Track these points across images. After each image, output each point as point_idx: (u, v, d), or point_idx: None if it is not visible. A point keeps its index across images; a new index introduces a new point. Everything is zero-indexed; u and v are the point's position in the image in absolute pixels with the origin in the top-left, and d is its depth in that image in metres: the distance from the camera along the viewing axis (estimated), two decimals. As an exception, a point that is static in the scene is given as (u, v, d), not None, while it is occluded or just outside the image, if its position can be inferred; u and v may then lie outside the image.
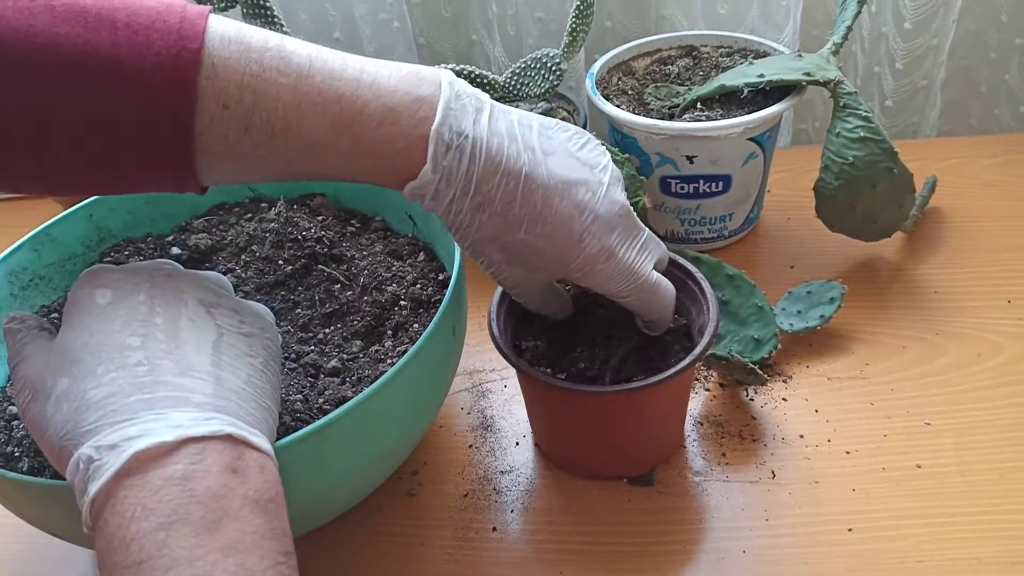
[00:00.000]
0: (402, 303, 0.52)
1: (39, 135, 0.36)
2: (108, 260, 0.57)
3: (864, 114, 0.60)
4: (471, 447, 0.57)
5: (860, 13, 0.64)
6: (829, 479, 0.52)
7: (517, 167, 0.40)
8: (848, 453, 0.53)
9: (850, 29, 0.64)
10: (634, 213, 0.45)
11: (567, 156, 0.43)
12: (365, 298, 0.52)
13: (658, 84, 0.70)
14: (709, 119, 0.63)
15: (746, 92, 0.64)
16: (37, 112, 0.35)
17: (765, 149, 0.66)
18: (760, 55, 0.71)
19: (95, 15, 0.35)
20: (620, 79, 0.71)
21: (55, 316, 0.54)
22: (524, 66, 0.71)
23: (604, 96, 0.68)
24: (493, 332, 0.50)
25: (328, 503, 0.47)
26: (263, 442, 0.36)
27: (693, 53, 0.73)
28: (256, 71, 0.36)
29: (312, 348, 0.50)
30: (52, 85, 0.35)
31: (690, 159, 0.64)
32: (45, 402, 0.36)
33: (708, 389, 0.59)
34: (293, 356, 0.49)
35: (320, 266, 0.54)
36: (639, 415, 0.50)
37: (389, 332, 0.51)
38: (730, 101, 0.65)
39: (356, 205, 0.61)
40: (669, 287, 0.48)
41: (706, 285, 0.51)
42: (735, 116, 0.63)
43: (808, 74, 0.62)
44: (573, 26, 0.69)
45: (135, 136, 0.36)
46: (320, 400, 0.46)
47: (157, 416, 0.34)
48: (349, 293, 0.53)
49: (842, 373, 0.59)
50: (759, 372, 0.55)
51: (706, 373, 0.60)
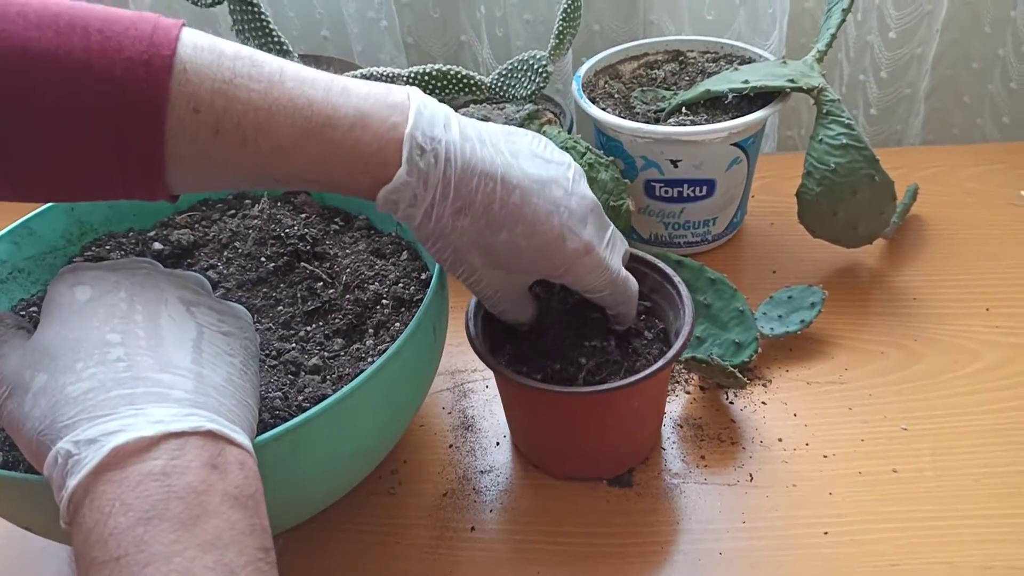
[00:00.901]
0: (384, 302, 0.52)
1: (5, 136, 0.35)
2: (89, 254, 0.56)
3: (847, 121, 0.60)
4: (451, 447, 0.57)
5: (845, 21, 0.64)
6: (806, 483, 0.52)
7: (493, 169, 0.41)
8: (825, 457, 0.54)
9: (834, 37, 0.64)
10: (600, 207, 0.46)
11: (533, 156, 0.43)
12: (347, 296, 0.52)
13: (644, 88, 0.70)
14: (694, 124, 0.64)
15: (731, 98, 0.65)
16: (4, 112, 0.35)
17: (749, 154, 0.66)
18: (746, 61, 0.71)
19: (67, 21, 0.35)
20: (606, 82, 0.72)
21: (34, 310, 0.53)
22: (511, 68, 0.71)
23: (590, 99, 0.68)
24: (470, 332, 0.50)
25: (306, 500, 0.47)
26: (243, 438, 0.36)
27: (679, 58, 0.74)
28: (228, 77, 0.37)
29: (293, 346, 0.50)
30: (21, 86, 0.35)
31: (675, 163, 0.65)
32: (23, 398, 0.36)
33: (688, 392, 0.59)
34: (274, 353, 0.49)
35: (303, 264, 0.54)
36: (614, 416, 0.50)
37: (371, 331, 0.51)
38: (715, 106, 0.66)
39: (340, 203, 0.61)
40: (634, 280, 0.49)
41: (683, 288, 0.52)
42: (720, 121, 0.63)
43: (792, 81, 0.62)
44: (560, 29, 0.69)
45: (104, 138, 0.36)
46: (299, 398, 0.45)
47: (137, 411, 0.33)
48: (331, 291, 0.53)
49: (821, 378, 0.59)
50: (739, 376, 0.56)
51: (687, 376, 0.60)
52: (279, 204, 0.59)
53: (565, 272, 0.44)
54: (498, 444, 0.57)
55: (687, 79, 0.71)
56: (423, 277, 0.54)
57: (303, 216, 0.58)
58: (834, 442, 0.54)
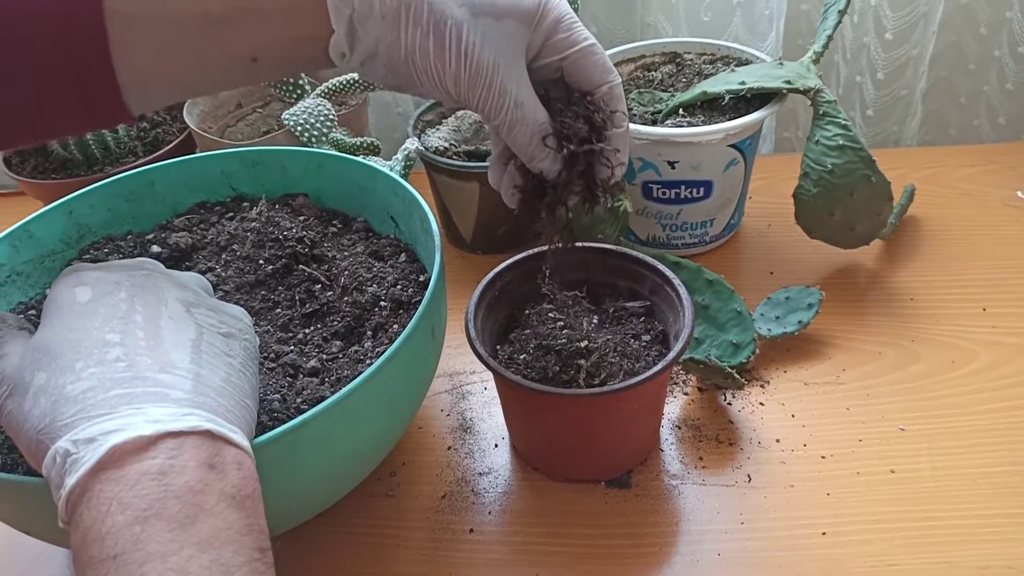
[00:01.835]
0: (382, 304, 0.52)
1: None
2: (87, 258, 0.56)
3: (843, 122, 0.60)
4: (450, 449, 0.57)
5: (840, 23, 0.65)
6: (804, 483, 0.52)
7: None
8: (823, 458, 0.54)
9: (830, 38, 0.64)
10: None
11: None
12: (345, 299, 0.52)
13: (641, 90, 0.70)
14: (691, 125, 0.64)
15: (728, 99, 0.65)
16: None
17: (746, 156, 0.66)
18: (742, 63, 0.71)
19: None
20: (604, 84, 0.72)
21: (33, 313, 0.54)
22: (508, 70, 0.71)
23: (587, 101, 0.68)
24: (470, 333, 0.50)
25: (305, 502, 0.47)
26: (241, 439, 0.36)
27: (676, 60, 0.74)
28: None
29: (291, 348, 0.50)
30: None
31: (672, 165, 0.65)
32: (23, 397, 0.36)
33: (686, 393, 0.59)
34: (272, 356, 0.49)
35: (301, 266, 0.54)
36: (613, 418, 0.50)
37: (369, 333, 0.51)
38: (712, 108, 0.66)
39: (338, 205, 0.61)
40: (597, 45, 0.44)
41: (683, 291, 0.52)
42: (717, 123, 0.63)
43: (788, 82, 0.62)
44: (557, 31, 0.69)
45: (42, 28, 0.35)
46: (298, 400, 0.46)
47: (135, 411, 0.34)
48: (329, 293, 0.53)
49: (819, 378, 0.59)
50: (737, 376, 0.56)
51: (685, 377, 0.60)
52: (277, 206, 0.59)
53: (545, 7, 0.41)
54: (497, 446, 0.57)
55: (684, 81, 0.71)
56: (421, 279, 0.54)
57: (301, 218, 0.58)
58: (832, 443, 0.55)
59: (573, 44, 0.42)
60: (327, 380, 0.48)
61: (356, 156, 0.61)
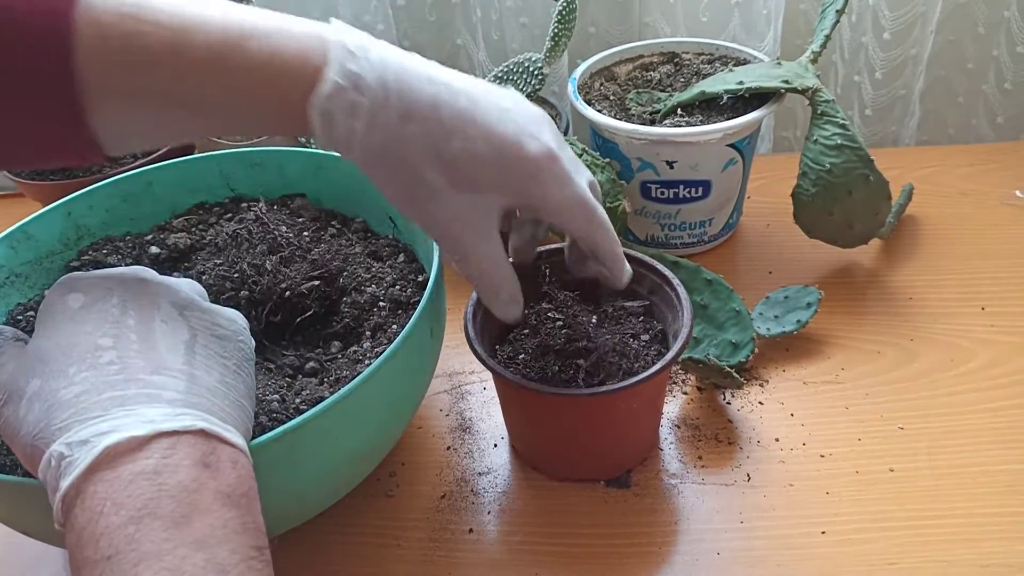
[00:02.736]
0: (381, 304, 0.52)
1: None
2: (86, 258, 0.56)
3: (841, 122, 0.61)
4: (449, 449, 0.57)
5: (838, 22, 0.65)
6: (804, 482, 0.52)
7: (436, 74, 0.39)
8: (823, 456, 0.54)
9: (828, 38, 0.64)
10: (553, 123, 0.43)
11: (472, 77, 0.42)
12: (344, 299, 0.52)
13: (640, 90, 0.70)
14: (689, 125, 0.64)
15: (726, 99, 0.65)
16: None
17: (744, 155, 0.66)
18: (740, 62, 0.71)
19: None
20: (602, 84, 0.72)
21: (31, 314, 0.53)
22: (507, 70, 0.71)
23: (586, 101, 0.68)
24: (468, 333, 0.50)
25: (304, 503, 0.47)
26: (236, 437, 0.36)
27: (675, 60, 0.74)
28: (134, 2, 0.35)
29: (290, 349, 0.50)
30: None
31: (670, 164, 0.65)
32: (17, 404, 0.36)
33: (686, 392, 0.59)
34: (271, 356, 0.49)
35: (300, 267, 0.54)
36: (612, 418, 0.50)
37: (368, 333, 0.51)
38: (710, 107, 0.66)
39: (336, 206, 0.61)
40: (605, 216, 0.45)
41: (682, 291, 0.52)
42: (715, 122, 0.63)
43: (787, 82, 0.62)
44: (555, 31, 0.69)
45: (16, 82, 0.34)
46: (297, 400, 0.46)
47: (128, 412, 0.34)
48: (328, 292, 0.53)
49: (818, 377, 0.59)
50: (736, 376, 0.56)
51: (684, 376, 0.60)
52: (275, 207, 0.59)
53: (532, 183, 0.40)
54: (496, 446, 0.57)
55: (682, 81, 0.71)
56: (420, 279, 0.54)
57: (300, 219, 0.58)
58: (831, 442, 0.55)
59: (553, 215, 0.42)
60: (326, 380, 0.48)
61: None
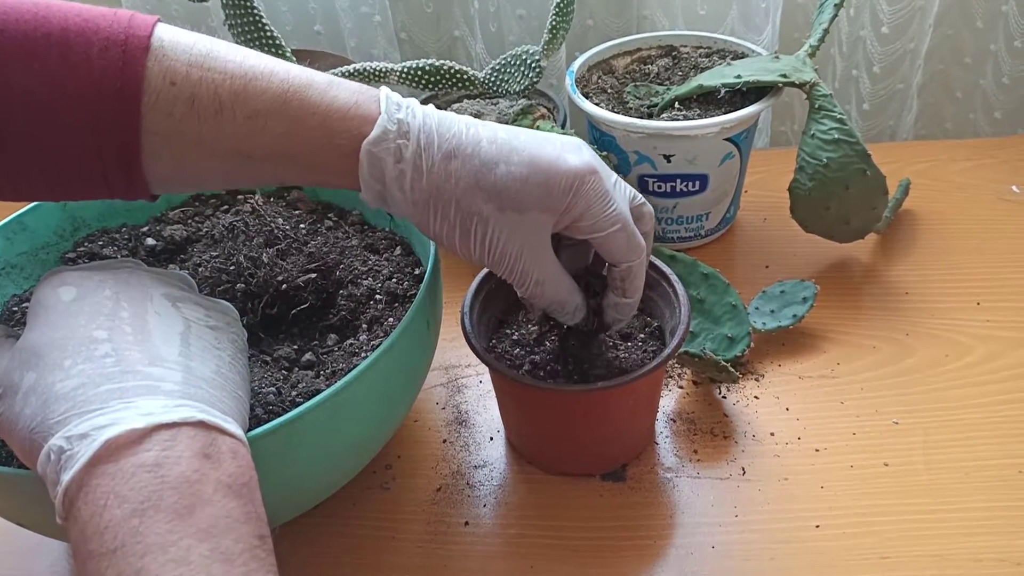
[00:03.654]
0: (377, 297, 0.52)
1: None
2: (82, 250, 0.56)
3: (838, 116, 0.60)
4: (445, 442, 0.57)
5: (837, 16, 0.65)
6: (798, 476, 0.52)
7: (468, 120, 0.42)
8: (817, 451, 0.54)
9: (826, 32, 0.64)
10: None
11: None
12: (341, 292, 0.52)
13: (637, 83, 0.70)
14: (687, 119, 0.64)
15: (723, 92, 0.65)
16: None
17: (742, 149, 0.66)
18: (738, 56, 0.71)
19: (45, 6, 0.36)
20: (600, 77, 0.72)
21: (26, 305, 0.53)
22: (504, 63, 0.71)
23: (584, 94, 0.68)
24: (465, 327, 0.50)
25: (300, 495, 0.47)
26: (235, 428, 0.36)
27: (673, 53, 0.74)
28: (204, 51, 0.38)
29: (287, 341, 0.50)
30: None
31: (667, 158, 0.65)
32: (13, 399, 0.36)
33: (681, 386, 0.59)
34: (267, 349, 0.49)
35: (296, 259, 0.54)
36: (608, 414, 0.50)
37: (364, 326, 0.51)
38: (708, 101, 0.66)
39: (333, 199, 0.61)
40: (640, 236, 0.45)
41: (679, 286, 0.52)
42: (712, 116, 0.63)
43: (784, 76, 0.62)
44: (553, 24, 0.69)
45: (80, 120, 0.36)
46: (293, 393, 0.46)
47: (127, 404, 0.34)
48: (324, 284, 0.52)
49: (813, 372, 0.59)
50: (732, 370, 0.56)
51: (680, 371, 0.60)
52: (272, 200, 0.59)
53: (574, 197, 0.41)
54: (492, 439, 0.57)
55: (680, 74, 0.71)
56: (416, 272, 0.54)
57: (296, 212, 0.58)
58: (826, 436, 0.55)
59: (596, 232, 0.43)
60: (322, 373, 0.48)
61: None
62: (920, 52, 0.84)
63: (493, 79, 0.71)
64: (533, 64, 0.69)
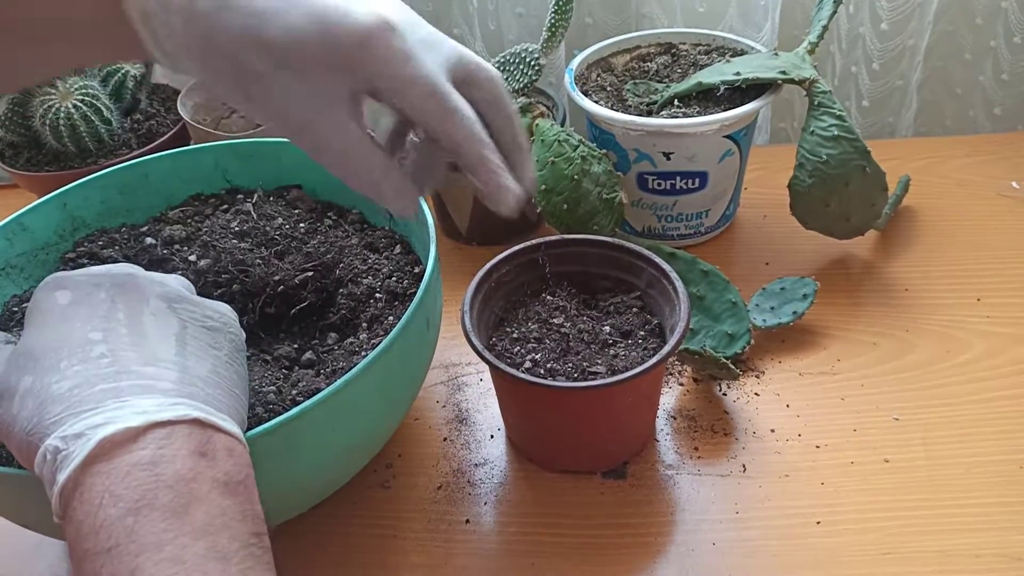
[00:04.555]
0: (378, 295, 0.52)
1: None
2: (82, 250, 0.56)
3: (838, 113, 0.60)
4: (446, 440, 0.57)
5: (836, 13, 0.65)
6: (799, 473, 0.52)
7: None
8: (818, 447, 0.54)
9: (826, 28, 0.64)
10: (413, 13, 0.39)
11: None
12: (340, 290, 0.52)
13: (637, 81, 0.70)
14: (686, 116, 0.64)
15: (723, 90, 0.65)
16: None
17: (741, 146, 0.66)
18: (738, 53, 0.71)
19: None
20: (599, 75, 0.72)
21: (27, 306, 0.53)
22: (503, 61, 0.71)
23: (583, 92, 0.68)
24: (465, 325, 0.50)
25: (300, 494, 0.47)
26: (231, 426, 0.36)
27: (672, 50, 0.74)
28: None
29: (287, 340, 0.50)
30: None
31: (667, 156, 0.65)
32: (10, 402, 0.36)
33: (682, 384, 0.59)
34: (267, 348, 0.49)
35: (295, 259, 0.54)
36: (608, 411, 0.50)
37: (364, 324, 0.51)
38: (707, 98, 0.66)
39: (333, 197, 0.61)
40: (459, 100, 0.38)
41: (679, 284, 0.52)
42: (712, 113, 0.63)
43: (784, 72, 0.62)
44: (552, 22, 0.69)
45: None
46: (293, 392, 0.46)
47: (122, 404, 0.34)
48: (324, 283, 0.53)
49: (813, 369, 0.59)
50: (732, 367, 0.56)
51: (680, 368, 0.60)
52: (271, 199, 0.59)
53: (362, 58, 0.36)
54: (492, 437, 0.57)
55: (679, 71, 0.71)
56: (416, 271, 0.54)
57: (296, 211, 0.58)
58: (826, 432, 0.55)
59: (394, 96, 0.37)
60: (322, 372, 0.48)
61: (351, 148, 0.61)
62: (920, 48, 0.84)
63: (492, 77, 0.71)
64: (532, 62, 0.69)
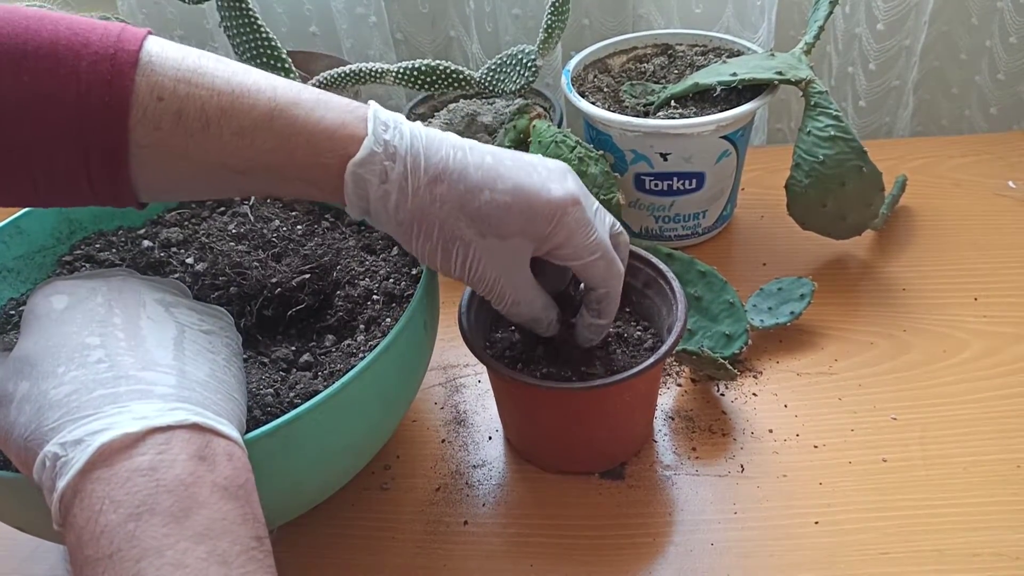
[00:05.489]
0: (375, 297, 0.52)
1: None
2: (78, 253, 0.56)
3: (834, 113, 0.61)
4: (444, 442, 0.57)
5: (832, 13, 0.65)
6: (797, 473, 0.53)
7: (461, 141, 0.42)
8: (816, 447, 0.54)
9: (822, 29, 0.64)
10: (575, 174, 0.46)
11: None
12: (338, 292, 0.52)
13: (633, 82, 0.70)
14: (683, 117, 0.64)
15: (719, 90, 0.65)
16: None
17: (738, 147, 0.67)
18: (734, 54, 0.71)
19: (37, 18, 0.37)
20: (596, 76, 0.72)
21: (23, 309, 0.53)
22: (500, 62, 0.71)
23: (580, 93, 0.68)
24: (462, 326, 0.50)
25: (298, 496, 0.47)
26: (231, 430, 0.36)
27: (668, 51, 0.74)
28: (192, 67, 0.38)
29: (284, 342, 0.50)
30: None
31: (664, 156, 0.65)
32: (8, 408, 0.36)
33: (680, 384, 0.59)
34: (264, 350, 0.49)
35: (292, 260, 0.54)
36: (606, 411, 0.50)
37: (362, 326, 0.51)
38: (704, 99, 0.66)
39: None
40: (619, 262, 0.47)
41: (676, 284, 0.52)
42: (708, 114, 0.64)
43: (780, 73, 0.62)
44: (549, 23, 0.69)
45: (68, 130, 0.36)
46: (291, 394, 0.45)
47: (120, 409, 0.34)
48: (322, 285, 0.52)
49: (811, 369, 0.59)
50: (729, 367, 0.56)
51: (678, 368, 0.60)
52: (268, 201, 0.59)
53: (556, 227, 0.42)
54: (490, 439, 0.57)
55: (676, 72, 0.71)
56: (414, 272, 0.54)
57: (293, 213, 0.58)
58: (824, 432, 0.55)
59: (576, 259, 0.44)
60: (320, 374, 0.48)
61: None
62: (916, 49, 0.84)
63: (489, 79, 0.72)
64: (529, 64, 0.69)
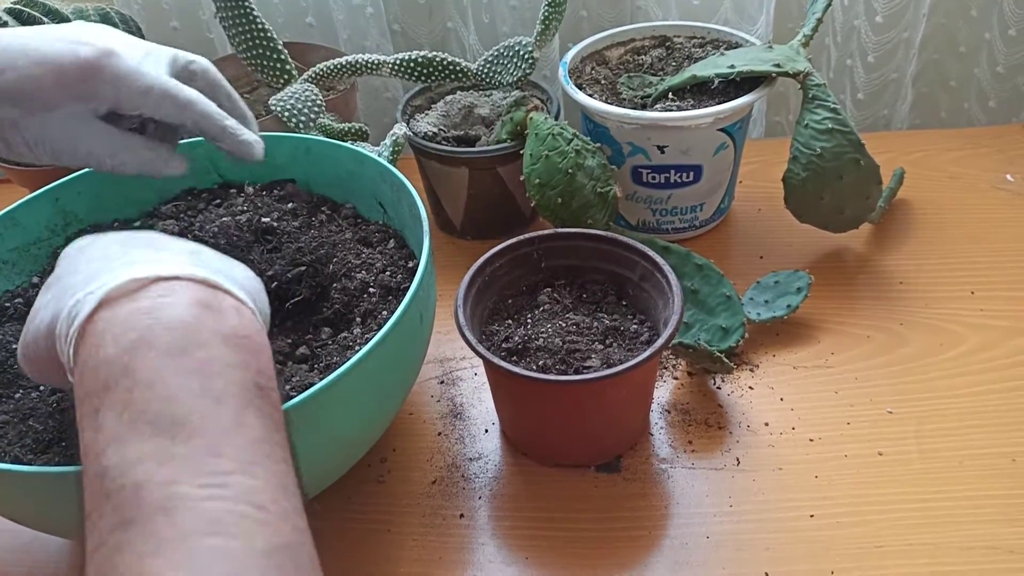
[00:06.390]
0: (371, 290, 0.52)
1: None
2: (74, 245, 0.56)
3: (832, 106, 0.60)
4: (440, 434, 0.57)
5: (830, 5, 0.64)
6: (793, 466, 0.53)
7: None
8: (812, 441, 0.54)
9: (820, 21, 0.64)
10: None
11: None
12: (334, 285, 0.52)
13: (631, 74, 0.70)
14: (680, 109, 0.64)
15: (717, 83, 0.65)
16: None
17: (736, 140, 0.66)
18: (732, 46, 0.71)
19: None
20: (593, 68, 0.72)
21: (19, 301, 0.53)
22: (497, 54, 0.71)
23: (577, 85, 0.68)
24: (459, 319, 0.50)
25: (294, 489, 0.47)
26: (243, 294, 0.35)
27: (666, 43, 0.74)
28: None
29: (280, 335, 0.50)
30: None
31: (661, 149, 0.65)
32: (35, 315, 0.36)
33: (676, 377, 0.59)
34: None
35: (288, 252, 0.54)
36: (602, 404, 0.50)
37: (358, 319, 0.51)
38: (701, 92, 0.66)
39: (326, 192, 0.61)
40: (189, 91, 0.47)
41: (673, 277, 0.52)
42: (706, 106, 0.63)
43: (778, 65, 0.62)
44: (546, 15, 0.69)
45: None
46: (287, 387, 0.45)
47: (132, 266, 0.34)
48: (318, 279, 0.52)
49: (807, 362, 0.59)
50: (726, 361, 0.56)
51: (674, 361, 0.60)
52: (264, 193, 0.59)
53: (96, 84, 0.43)
54: (487, 432, 0.57)
55: (674, 64, 0.71)
56: (410, 265, 0.54)
57: (289, 205, 0.58)
58: (820, 426, 0.55)
59: (139, 107, 0.45)
60: (316, 366, 0.48)
61: (344, 142, 0.61)
62: (914, 41, 0.84)
63: (486, 70, 0.71)
64: (526, 55, 0.69)
